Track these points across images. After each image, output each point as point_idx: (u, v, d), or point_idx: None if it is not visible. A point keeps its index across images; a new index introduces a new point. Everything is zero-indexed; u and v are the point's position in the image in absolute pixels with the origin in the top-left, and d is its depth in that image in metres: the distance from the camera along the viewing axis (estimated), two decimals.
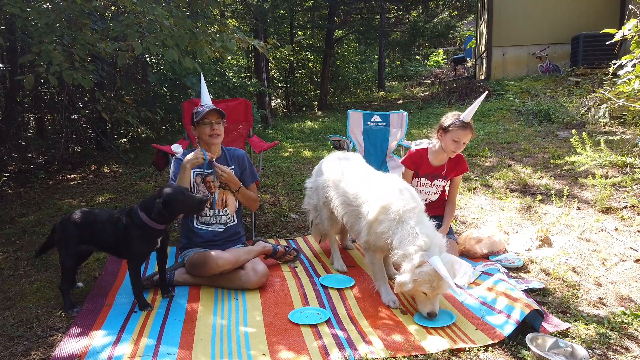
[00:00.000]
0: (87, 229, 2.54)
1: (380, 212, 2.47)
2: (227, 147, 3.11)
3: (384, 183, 2.66)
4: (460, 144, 3.00)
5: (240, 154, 3.10)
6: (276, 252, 3.12)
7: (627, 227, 3.46)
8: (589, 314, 2.37)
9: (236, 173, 3.02)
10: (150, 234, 2.49)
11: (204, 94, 2.97)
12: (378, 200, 2.52)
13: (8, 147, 5.99)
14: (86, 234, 2.54)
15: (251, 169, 3.12)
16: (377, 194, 2.56)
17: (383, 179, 2.74)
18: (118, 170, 6.44)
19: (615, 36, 3.63)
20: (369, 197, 2.60)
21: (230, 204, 3.01)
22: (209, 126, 2.84)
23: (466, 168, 3.28)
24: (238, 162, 3.07)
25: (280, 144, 8.02)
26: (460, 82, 13.03)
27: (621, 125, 6.16)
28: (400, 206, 2.42)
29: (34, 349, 2.14)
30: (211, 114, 2.83)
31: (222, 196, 2.98)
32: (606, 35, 3.65)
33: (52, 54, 3.45)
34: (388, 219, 2.44)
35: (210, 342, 2.17)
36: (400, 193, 2.51)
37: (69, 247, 2.53)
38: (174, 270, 2.84)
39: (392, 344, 2.13)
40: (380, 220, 2.47)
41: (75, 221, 2.53)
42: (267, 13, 11.98)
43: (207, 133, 2.84)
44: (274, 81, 16.77)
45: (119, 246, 2.53)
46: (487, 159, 5.60)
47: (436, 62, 23.47)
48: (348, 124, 4.14)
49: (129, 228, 2.47)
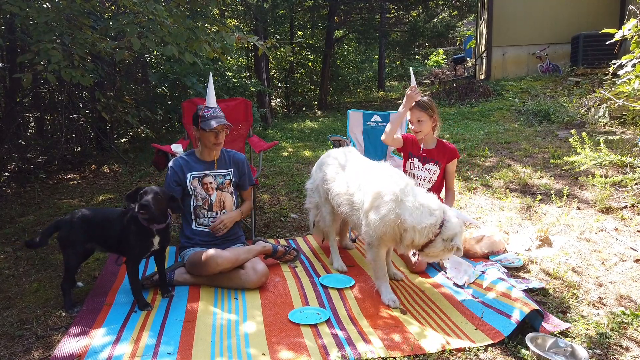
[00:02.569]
0: (96, 228, 2.55)
1: (375, 197, 2.52)
2: (227, 150, 3.12)
3: (373, 170, 2.73)
4: (416, 123, 3.17)
5: (240, 158, 3.11)
6: (276, 252, 3.12)
7: (626, 227, 3.46)
8: (589, 314, 2.38)
9: (234, 176, 3.03)
10: (148, 235, 2.51)
11: (210, 94, 2.98)
12: (371, 187, 2.58)
13: (8, 147, 5.99)
14: (94, 232, 2.55)
15: (249, 174, 3.15)
16: (369, 181, 2.64)
17: (372, 166, 2.82)
18: (118, 170, 6.44)
19: (615, 36, 3.63)
20: (361, 185, 2.68)
21: (227, 205, 3.02)
22: (214, 134, 2.86)
23: (456, 151, 3.31)
24: (237, 166, 3.08)
25: (280, 144, 8.02)
26: (460, 82, 13.02)
27: (621, 125, 6.16)
28: (393, 188, 2.49)
29: (33, 348, 2.14)
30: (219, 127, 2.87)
31: (220, 198, 2.99)
32: (606, 35, 3.64)
33: (51, 52, 3.45)
34: (384, 202, 2.48)
35: (210, 342, 2.17)
36: (390, 177, 2.60)
37: (75, 245, 2.53)
38: (174, 270, 2.84)
39: (391, 343, 2.13)
40: (377, 206, 2.50)
41: (84, 220, 2.54)
42: (267, 13, 11.97)
43: (211, 141, 2.88)
44: (274, 81, 16.76)
45: (121, 244, 2.55)
46: (487, 158, 5.60)
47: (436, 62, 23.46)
48: (348, 123, 4.14)
49: (129, 225, 2.50)
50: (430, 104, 3.17)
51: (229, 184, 3.02)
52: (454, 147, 3.31)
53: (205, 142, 2.91)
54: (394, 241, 2.56)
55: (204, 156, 2.99)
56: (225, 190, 3.00)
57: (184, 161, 2.97)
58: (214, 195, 2.96)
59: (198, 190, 2.93)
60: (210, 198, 2.95)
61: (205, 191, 2.94)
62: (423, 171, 3.26)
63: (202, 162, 2.98)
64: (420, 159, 3.28)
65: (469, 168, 5.29)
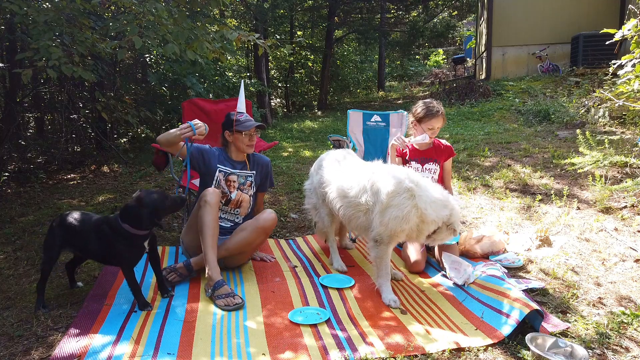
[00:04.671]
0: (72, 235, 2.50)
1: (392, 196, 2.54)
2: (253, 153, 3.20)
3: (377, 171, 2.75)
4: (435, 130, 3.25)
5: (264, 161, 3.23)
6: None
7: (626, 227, 3.46)
8: (589, 314, 2.38)
9: (255, 179, 3.14)
10: (138, 242, 2.47)
11: (241, 101, 3.11)
12: (383, 187, 2.59)
13: (8, 147, 5.99)
14: (71, 239, 2.51)
15: (271, 178, 3.27)
16: (378, 181, 2.64)
17: (374, 167, 2.84)
18: (118, 170, 6.44)
19: (615, 36, 3.63)
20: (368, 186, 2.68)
21: (243, 206, 3.12)
22: (248, 137, 3.02)
23: (452, 149, 3.40)
24: (261, 169, 3.18)
25: (280, 144, 8.02)
26: (460, 82, 13.01)
27: (621, 125, 6.16)
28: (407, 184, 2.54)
29: (33, 348, 2.14)
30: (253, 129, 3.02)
31: (239, 197, 3.09)
32: (606, 35, 3.64)
33: (50, 49, 3.44)
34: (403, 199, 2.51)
35: (210, 342, 2.17)
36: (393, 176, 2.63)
37: (51, 249, 2.52)
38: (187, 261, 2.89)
39: (392, 344, 2.13)
40: (397, 204, 2.52)
41: (61, 225, 2.51)
42: (267, 13, 11.96)
43: (245, 143, 3.03)
44: (274, 81, 16.76)
45: (105, 255, 2.50)
46: (487, 158, 5.60)
47: (436, 62, 23.48)
48: (348, 123, 4.14)
49: (114, 240, 2.41)
50: (442, 108, 3.29)
51: (249, 186, 3.12)
52: (449, 145, 3.39)
53: (239, 144, 3.04)
54: (408, 236, 2.62)
55: (234, 156, 3.11)
56: (245, 191, 3.10)
57: (219, 152, 3.10)
58: (235, 193, 3.07)
59: (222, 184, 3.03)
60: (230, 195, 3.06)
61: (227, 187, 3.05)
62: (424, 172, 3.27)
63: (231, 160, 3.10)
64: (419, 160, 3.30)
65: (469, 168, 5.29)
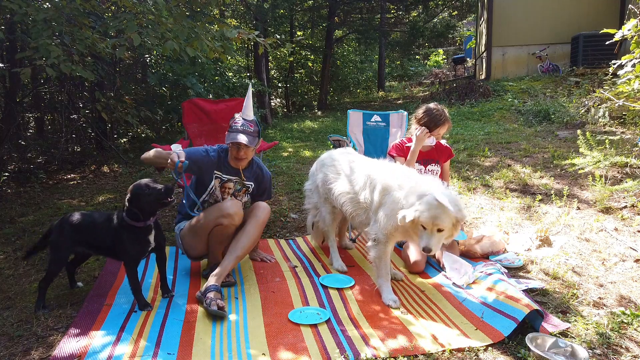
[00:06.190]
0: (84, 232, 2.52)
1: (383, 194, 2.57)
2: (257, 160, 3.09)
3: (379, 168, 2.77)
4: (440, 136, 3.32)
5: (265, 176, 3.11)
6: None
7: (626, 227, 3.46)
8: (589, 314, 2.37)
9: (252, 189, 3.07)
10: (139, 234, 2.47)
11: (247, 106, 2.92)
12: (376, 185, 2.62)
13: (8, 147, 5.99)
14: (83, 236, 2.53)
15: (269, 192, 3.18)
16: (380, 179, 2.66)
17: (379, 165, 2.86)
18: (118, 170, 6.44)
19: (615, 36, 3.63)
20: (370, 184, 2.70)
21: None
22: (236, 148, 2.85)
23: (451, 150, 3.44)
24: (259, 182, 3.08)
25: (280, 144, 8.02)
26: (460, 82, 13.02)
27: (621, 125, 6.16)
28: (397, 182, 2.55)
29: (33, 348, 2.14)
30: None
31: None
32: (606, 35, 3.65)
33: (50, 48, 3.43)
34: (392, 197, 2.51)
35: (210, 342, 2.17)
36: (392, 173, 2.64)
37: (61, 250, 2.52)
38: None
39: (392, 343, 2.13)
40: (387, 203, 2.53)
41: (72, 224, 2.52)
42: (267, 13, 11.97)
43: (233, 154, 2.88)
44: (274, 81, 16.76)
45: (114, 248, 2.51)
46: (487, 158, 5.60)
47: (436, 62, 23.47)
48: (348, 123, 4.14)
49: (118, 230, 2.46)
50: (447, 114, 3.33)
51: (244, 193, 3.06)
52: (448, 146, 3.43)
53: (231, 151, 2.90)
54: (405, 236, 2.61)
55: (232, 163, 2.96)
56: (239, 198, 3.03)
57: (218, 158, 2.92)
58: (228, 200, 2.96)
59: (216, 192, 2.95)
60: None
61: (221, 194, 2.96)
62: (426, 173, 3.27)
63: (230, 167, 2.95)
64: (422, 162, 3.30)
65: (469, 168, 5.29)
